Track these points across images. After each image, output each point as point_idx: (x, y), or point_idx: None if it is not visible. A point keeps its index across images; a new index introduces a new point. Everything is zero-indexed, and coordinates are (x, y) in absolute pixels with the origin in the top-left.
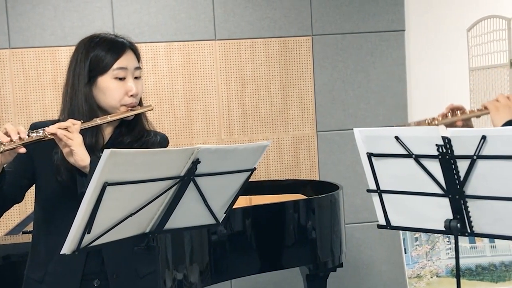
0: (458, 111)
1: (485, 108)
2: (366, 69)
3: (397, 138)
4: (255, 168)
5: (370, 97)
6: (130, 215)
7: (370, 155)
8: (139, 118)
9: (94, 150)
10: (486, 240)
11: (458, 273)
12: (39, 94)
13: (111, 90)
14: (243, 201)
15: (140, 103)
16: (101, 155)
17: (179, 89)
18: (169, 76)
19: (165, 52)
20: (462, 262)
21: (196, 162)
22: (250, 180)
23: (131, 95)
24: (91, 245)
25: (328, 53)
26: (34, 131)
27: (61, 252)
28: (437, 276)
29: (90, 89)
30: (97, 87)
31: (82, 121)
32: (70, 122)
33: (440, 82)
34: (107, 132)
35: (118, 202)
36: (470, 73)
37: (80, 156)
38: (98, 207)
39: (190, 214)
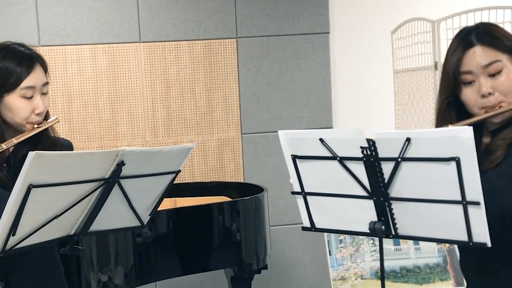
0: None
1: None
2: (291, 71)
3: (321, 140)
4: (179, 170)
5: (294, 99)
6: (55, 217)
7: (294, 157)
8: (43, 131)
9: None
10: (410, 242)
11: (382, 275)
12: None
13: (18, 109)
14: (168, 203)
15: (47, 116)
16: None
17: (104, 91)
18: (94, 78)
19: (90, 55)
20: (386, 264)
21: (121, 164)
22: (175, 182)
23: (38, 113)
24: (16, 247)
25: (252, 55)
26: None
27: None
28: (361, 278)
29: None
30: (3, 104)
31: None
32: None
33: (364, 84)
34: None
35: (43, 204)
36: (395, 75)
37: None
38: (23, 209)
39: (115, 216)
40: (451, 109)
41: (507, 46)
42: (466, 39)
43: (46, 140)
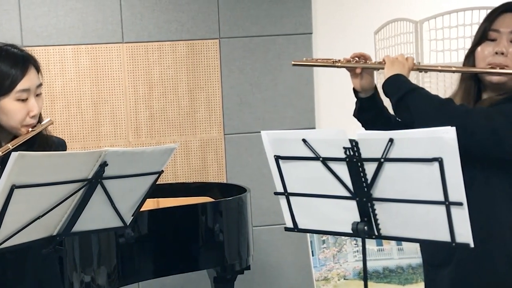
0: (362, 60)
1: (384, 61)
2: (274, 72)
3: (304, 141)
4: (162, 171)
5: (277, 100)
6: (38, 218)
7: (277, 158)
8: (38, 133)
9: None
10: (393, 242)
11: (365, 275)
12: None
13: (14, 112)
14: (150, 204)
15: (40, 117)
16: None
17: (86, 92)
18: (76, 79)
19: (73, 55)
20: (369, 264)
21: (103, 164)
22: (157, 182)
23: (33, 115)
24: None
25: (235, 56)
26: None
27: None
28: (344, 279)
29: None
30: None
31: None
32: None
33: (347, 85)
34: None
35: (26, 204)
36: (377, 76)
37: None
38: (6, 209)
39: (97, 216)
40: (472, 58)
41: None
42: (508, 4)
43: (41, 141)
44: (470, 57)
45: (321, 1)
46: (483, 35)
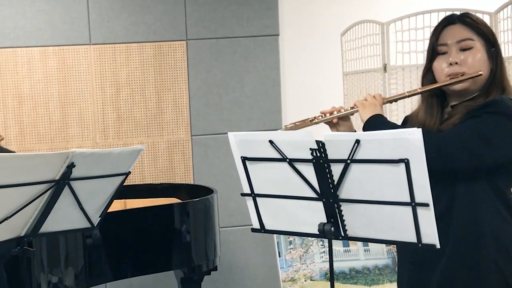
0: (335, 112)
1: (356, 106)
2: (241, 73)
3: (271, 142)
4: (129, 172)
5: (244, 101)
6: (6, 219)
7: (244, 159)
8: None
9: None
10: (360, 243)
11: (332, 276)
12: None
13: None
14: (117, 205)
15: None
16: None
17: (54, 93)
18: (44, 80)
19: (40, 57)
20: (336, 265)
21: (71, 166)
22: (124, 184)
23: None
24: None
25: (202, 57)
26: None
27: None
28: (311, 280)
29: None
30: None
31: None
32: None
33: (314, 87)
34: None
35: None
36: (344, 78)
37: None
38: None
39: (65, 217)
40: (430, 75)
41: (482, 31)
42: (449, 18)
43: None
44: (428, 74)
45: (288, 2)
46: (433, 52)
